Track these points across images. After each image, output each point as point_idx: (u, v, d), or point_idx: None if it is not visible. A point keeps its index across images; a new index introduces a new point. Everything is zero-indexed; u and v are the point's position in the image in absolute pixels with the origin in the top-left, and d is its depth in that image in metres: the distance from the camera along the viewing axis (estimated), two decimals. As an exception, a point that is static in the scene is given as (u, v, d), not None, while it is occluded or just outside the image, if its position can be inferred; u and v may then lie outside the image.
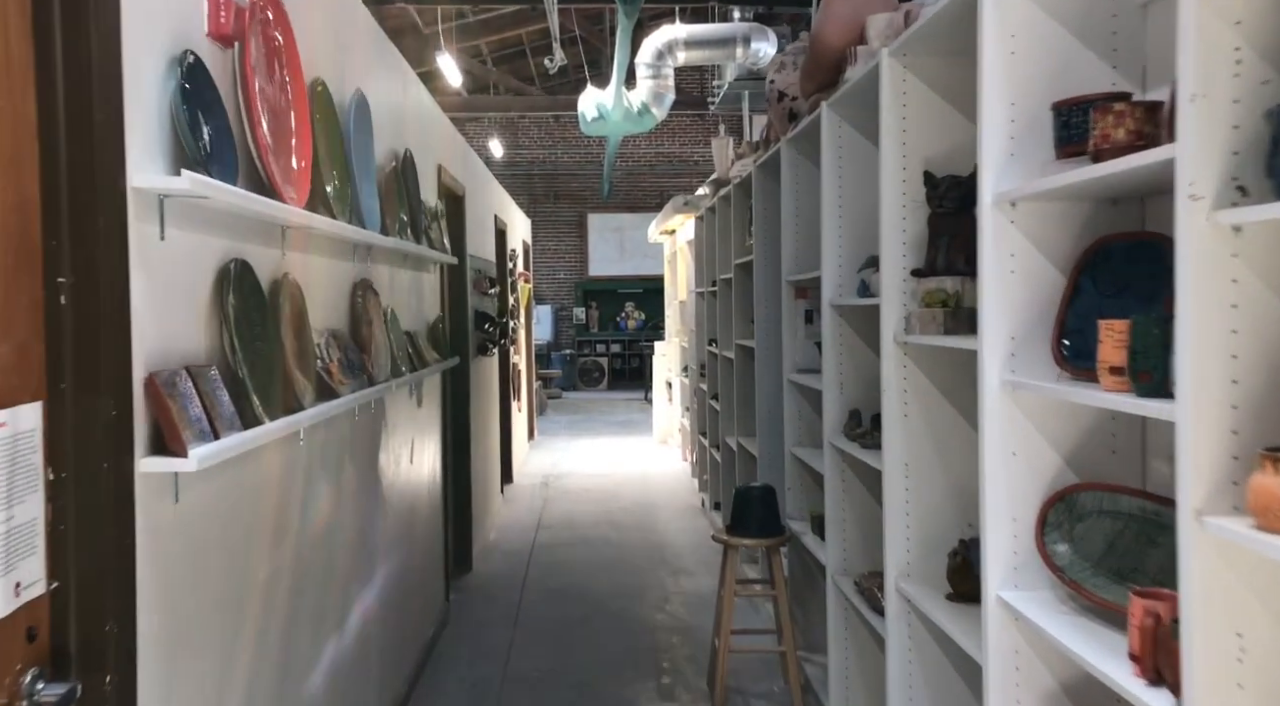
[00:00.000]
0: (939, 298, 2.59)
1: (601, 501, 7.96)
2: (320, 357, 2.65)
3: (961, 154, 2.74)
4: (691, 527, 6.97)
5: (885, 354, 2.78)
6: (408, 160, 3.96)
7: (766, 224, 4.80)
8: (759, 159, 4.85)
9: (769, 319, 4.82)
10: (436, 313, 4.76)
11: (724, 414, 6.20)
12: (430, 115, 4.91)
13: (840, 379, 3.47)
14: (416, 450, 4.31)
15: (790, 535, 3.98)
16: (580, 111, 11.14)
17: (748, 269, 5.43)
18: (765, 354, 4.83)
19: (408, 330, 3.99)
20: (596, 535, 6.80)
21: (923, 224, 2.73)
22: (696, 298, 7.70)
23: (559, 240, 18.41)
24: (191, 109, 1.88)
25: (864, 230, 3.42)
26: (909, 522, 2.77)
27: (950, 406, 2.75)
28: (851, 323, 3.46)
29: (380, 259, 3.56)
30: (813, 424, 4.12)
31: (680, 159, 18.11)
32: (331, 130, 2.81)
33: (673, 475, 9.10)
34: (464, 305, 5.85)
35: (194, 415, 1.85)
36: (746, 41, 10.35)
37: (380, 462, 3.60)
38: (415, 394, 4.26)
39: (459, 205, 5.79)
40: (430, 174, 4.74)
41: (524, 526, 7.09)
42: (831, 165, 3.44)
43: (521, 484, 8.77)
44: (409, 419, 4.14)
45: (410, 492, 4.20)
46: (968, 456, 2.75)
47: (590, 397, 16.73)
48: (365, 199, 3.10)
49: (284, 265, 2.49)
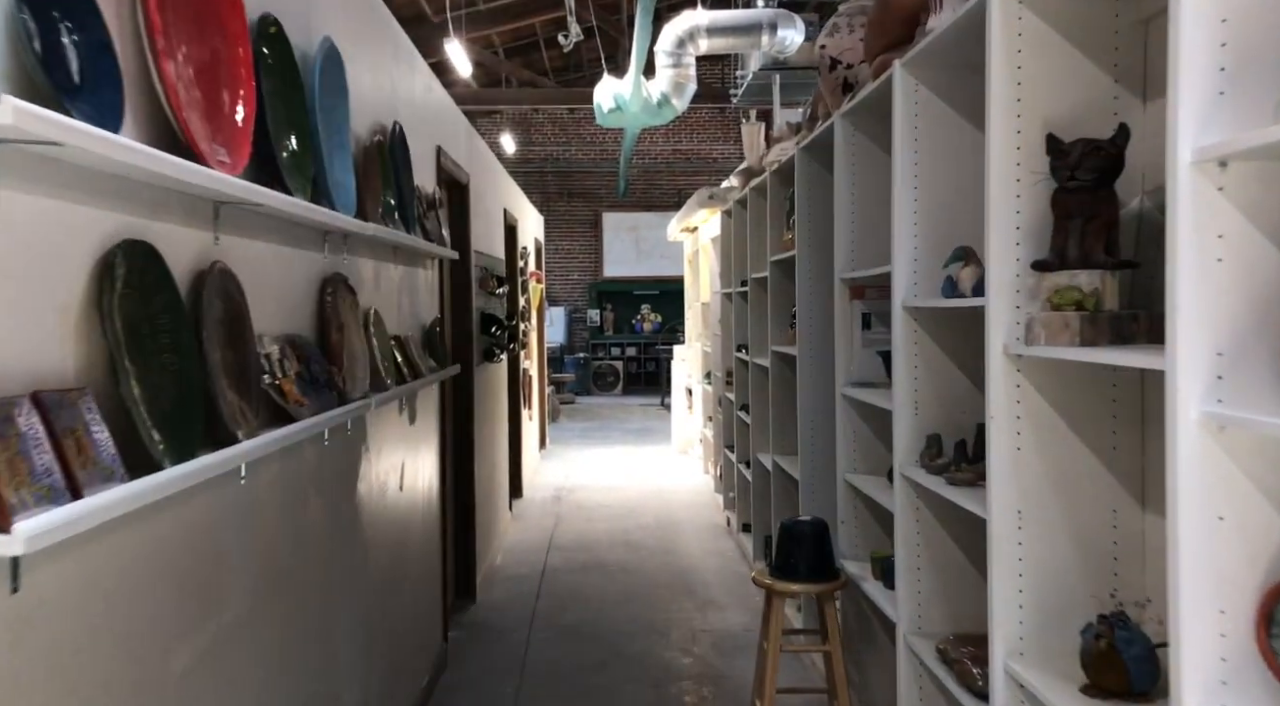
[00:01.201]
0: (1071, 297, 1.98)
1: (618, 519, 7.36)
2: (270, 372, 2.06)
3: (1093, 112, 2.13)
4: (717, 551, 6.36)
5: (992, 370, 2.17)
6: (397, 136, 3.37)
7: (812, 214, 4.19)
8: (802, 141, 4.24)
9: (815, 323, 4.21)
10: (434, 314, 4.17)
11: (756, 428, 5.59)
12: (427, 90, 4.32)
13: (915, 397, 2.86)
14: (408, 473, 3.72)
15: (846, 580, 3.37)
16: (596, 102, 10.56)
17: (787, 266, 4.81)
18: (810, 363, 4.22)
19: (396, 334, 3.40)
20: (613, 559, 6.20)
21: (1043, 204, 2.12)
22: (722, 299, 7.10)
23: (573, 240, 17.82)
24: (42, 12, 1.29)
25: (947, 216, 2.81)
26: (1022, 586, 2.16)
27: (1078, 439, 2.14)
28: (930, 328, 2.85)
29: (361, 250, 2.97)
30: (872, 448, 3.51)
31: (699, 156, 17.50)
32: (288, 83, 2.22)
33: (694, 490, 8.49)
34: (468, 306, 5.26)
35: (39, 466, 1.25)
36: (773, 28, 9.76)
37: (360, 493, 3.01)
38: (407, 408, 3.67)
39: (462, 194, 5.20)
40: (427, 156, 4.16)
41: (534, 547, 6.50)
42: (905, 138, 2.84)
43: (532, 498, 8.18)
44: (399, 438, 3.55)
45: (401, 522, 3.61)
46: (1101, 503, 2.14)
47: (605, 403, 16.13)
48: (336, 173, 2.51)
49: (215, 252, 1.91)
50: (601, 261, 17.84)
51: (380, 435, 3.25)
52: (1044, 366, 2.12)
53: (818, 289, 4.19)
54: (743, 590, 5.44)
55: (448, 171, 4.69)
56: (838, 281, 3.57)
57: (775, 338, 4.94)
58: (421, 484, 3.97)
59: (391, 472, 3.45)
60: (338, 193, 2.51)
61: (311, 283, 2.52)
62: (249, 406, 1.92)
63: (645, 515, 7.49)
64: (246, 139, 1.90)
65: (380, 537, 3.28)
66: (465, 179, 5.19)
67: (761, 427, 5.50)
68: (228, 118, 1.85)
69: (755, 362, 5.57)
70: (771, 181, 4.93)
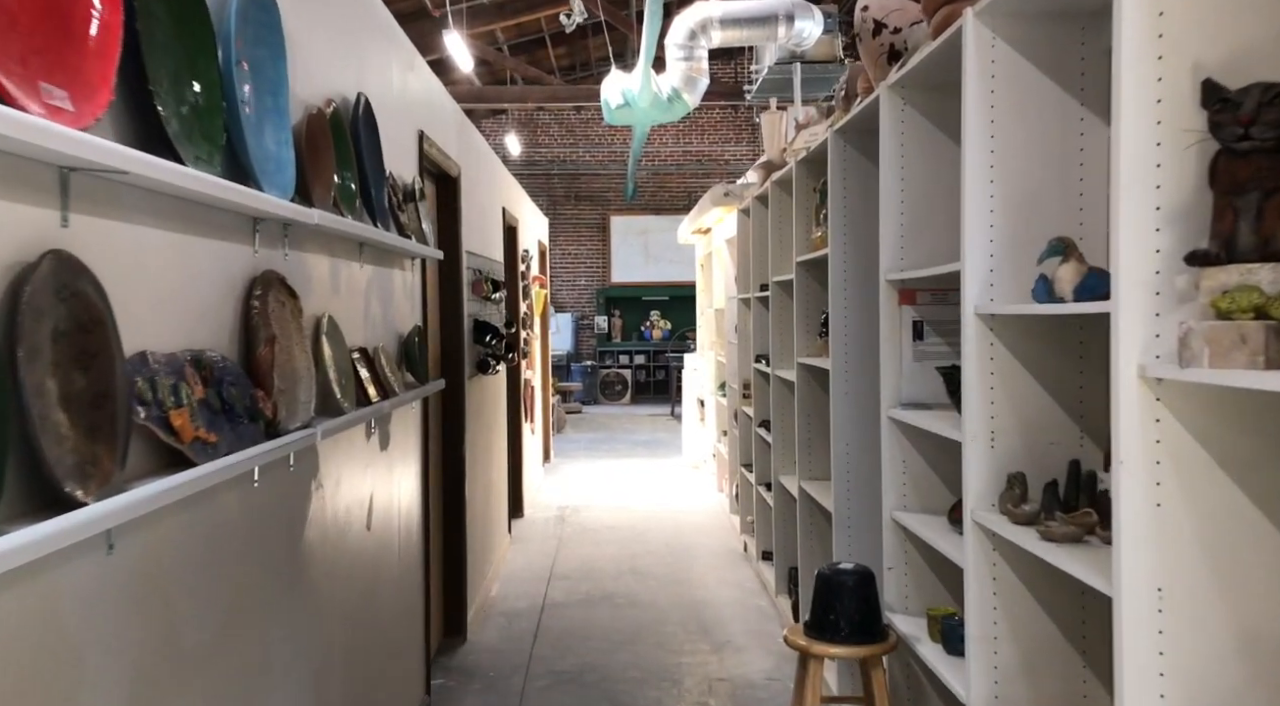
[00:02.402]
0: (1248, 302, 1.44)
1: (626, 543, 6.80)
2: (150, 402, 1.52)
3: (1265, 51, 1.59)
4: (735, 581, 5.81)
5: (1123, 399, 1.62)
6: (362, 110, 2.84)
7: (848, 207, 3.65)
8: (835, 123, 3.70)
9: (851, 332, 3.67)
10: (414, 322, 3.63)
11: (779, 448, 5.04)
12: (409, 68, 3.80)
13: (991, 426, 2.32)
14: (380, 507, 3.18)
15: (896, 641, 2.82)
16: (604, 98, 10.04)
17: (817, 268, 4.27)
18: (846, 378, 3.67)
19: (362, 347, 2.86)
20: (620, 590, 5.65)
21: (1193, 175, 1.58)
22: (739, 305, 6.56)
23: (580, 244, 17.29)
24: None
25: (1034, 202, 2.27)
26: (1164, 689, 1.61)
27: (1245, 495, 1.59)
28: (1011, 340, 2.30)
29: (309, 244, 2.44)
30: (927, 482, 2.96)
31: (711, 157, 16.96)
32: (185, 16, 1.68)
33: (707, 510, 7.94)
34: (458, 313, 4.73)
35: None
36: (789, 20, 9.23)
37: (309, 540, 2.47)
38: (377, 432, 3.13)
39: (452, 189, 4.67)
40: (407, 142, 3.63)
41: (533, 576, 5.95)
42: (978, 105, 2.29)
43: (534, 518, 7.63)
44: (366, 467, 3.02)
45: (370, 563, 3.07)
46: (1277, 583, 1.59)
47: (613, 412, 15.57)
48: (266, 143, 1.98)
49: (61, 238, 1.37)
50: (609, 266, 17.31)
51: (339, 467, 2.71)
52: (1198, 395, 1.58)
53: (855, 293, 3.64)
54: (763, 628, 4.89)
55: (434, 161, 4.16)
56: (883, 284, 3.02)
57: (802, 348, 4.40)
58: (398, 517, 3.43)
59: (356, 509, 2.91)
60: (268, 168, 1.97)
61: (233, 283, 1.98)
62: (111, 451, 1.39)
63: (655, 538, 6.94)
64: (105, 80, 1.36)
65: (342, 586, 2.74)
66: (456, 172, 4.66)
67: (785, 448, 4.95)
68: (73, 46, 1.31)
69: (778, 375, 5.02)
70: (798, 173, 4.39)
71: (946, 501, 2.92)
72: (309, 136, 2.25)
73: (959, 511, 2.67)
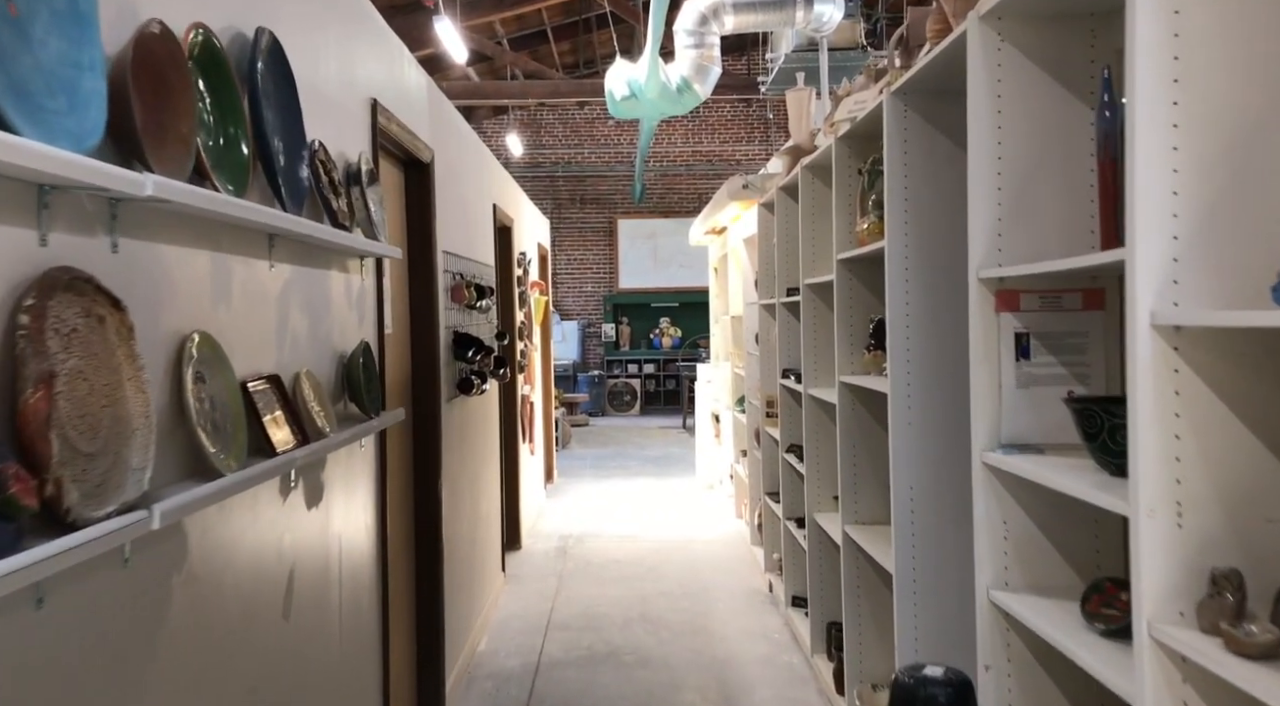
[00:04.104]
0: None
1: (635, 581, 6.03)
2: None
3: None
4: (761, 631, 5.02)
5: None
6: (265, 51, 2.08)
7: (911, 188, 2.89)
8: (894, 83, 2.93)
9: (917, 345, 2.90)
10: (360, 339, 2.87)
11: (815, 482, 4.26)
12: (353, 13, 3.04)
13: (1177, 493, 1.54)
14: (305, 585, 2.42)
15: (1008, 778, 2.05)
16: (608, 89, 9.28)
17: (865, 266, 3.52)
18: (911, 404, 2.90)
19: (267, 375, 2.10)
20: (628, 643, 4.87)
21: None
22: (760, 312, 5.79)
23: (586, 249, 16.53)
24: None
25: (1242, 164, 1.50)
26: None
27: None
28: (1208, 366, 1.53)
29: (169, 231, 1.68)
30: (1036, 550, 2.18)
31: (721, 157, 16.19)
32: None
33: (726, 539, 7.15)
34: (432, 325, 3.97)
35: None
36: (808, 3, 8.47)
37: (168, 665, 1.71)
38: (299, 486, 2.37)
39: (422, 176, 3.91)
40: (351, 109, 2.88)
41: (529, 625, 5.18)
42: (1152, 29, 1.53)
43: (533, 549, 6.86)
44: (279, 537, 2.25)
45: (288, 663, 2.32)
46: None
47: (621, 425, 14.78)
48: (43, 58, 1.23)
49: None
50: (617, 272, 16.54)
51: (230, 546, 1.95)
52: None
53: (921, 296, 2.88)
54: (799, 696, 4.11)
55: (395, 141, 3.41)
56: (973, 284, 2.25)
57: (845, 364, 3.62)
58: (337, 588, 2.67)
59: (266, 595, 2.15)
60: (44, 101, 1.22)
61: (-14, 287, 1.23)
62: None
63: (668, 575, 6.16)
64: None
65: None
66: (428, 156, 3.90)
67: (823, 482, 4.18)
68: None
69: (813, 395, 4.25)
70: (838, 152, 3.62)
71: (1066, 579, 2.16)
72: (143, 65, 1.49)
73: (1097, 602, 1.91)
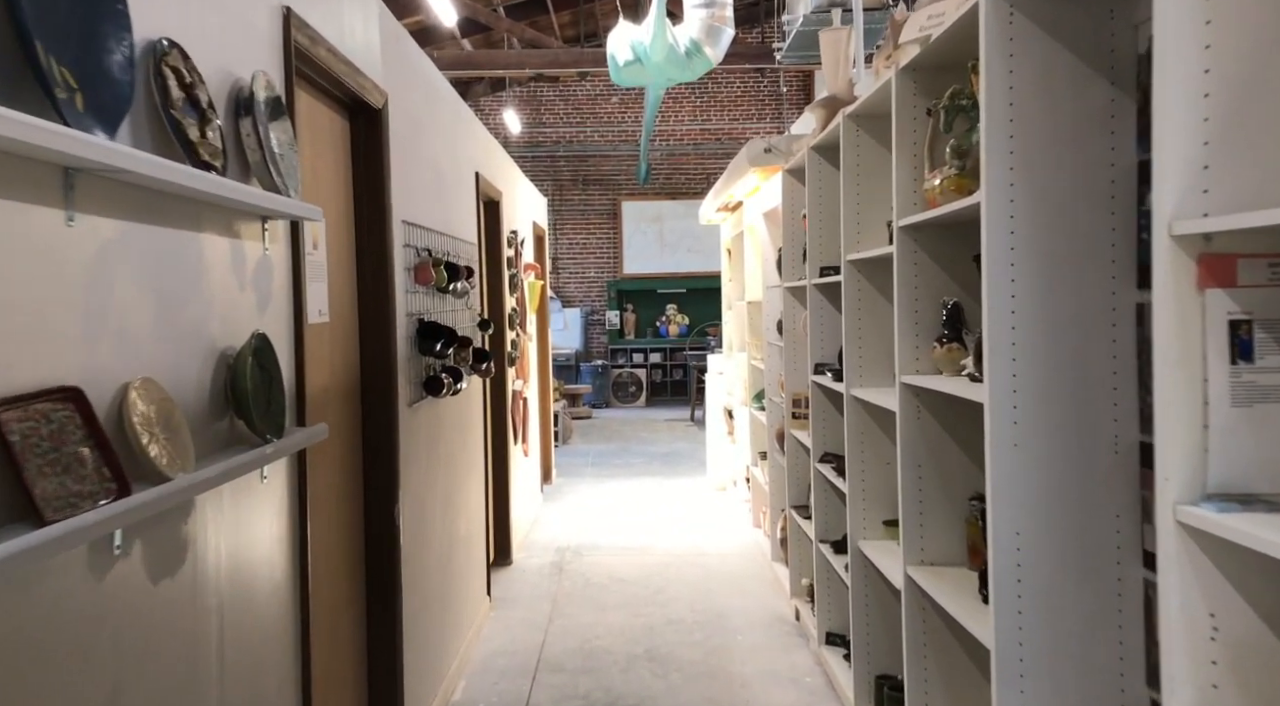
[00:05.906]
0: None
1: (639, 604, 5.25)
2: None
3: None
4: (789, 673, 4.24)
5: None
6: None
7: (1022, 121, 2.09)
8: (991, -21, 2.13)
9: (1026, 338, 2.11)
10: (254, 331, 2.08)
11: (860, 503, 3.48)
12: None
13: None
14: (144, 693, 1.65)
15: None
16: (610, 54, 8.49)
17: (937, 234, 2.73)
18: (1019, 419, 2.11)
19: (56, 388, 1.32)
20: (631, 690, 4.10)
21: None
22: (785, 296, 4.99)
23: (589, 232, 15.71)
24: None
25: None
26: None
27: None
28: None
29: None
30: (1273, 669, 1.40)
31: (730, 136, 15.34)
32: None
33: (742, 551, 6.37)
34: (386, 311, 3.18)
35: None
36: (831, -46, 7.65)
37: None
38: (136, 550, 1.59)
39: (371, 125, 3.13)
40: (247, 13, 2.09)
41: (515, 665, 4.41)
42: None
43: (525, 565, 6.09)
44: (94, 632, 1.48)
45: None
46: None
47: (626, 417, 14.00)
48: None
49: None
50: (621, 256, 15.73)
51: None
52: None
53: (1033, 269, 2.09)
54: (842, 767, 3.34)
55: (327, 70, 2.62)
56: (1161, 243, 1.46)
57: (909, 360, 2.83)
58: (218, 684, 1.90)
59: None
60: None
61: None
62: None
63: (677, 597, 5.38)
64: None
65: None
66: (380, 101, 3.12)
67: (874, 506, 3.40)
68: None
69: (858, 397, 3.46)
70: (900, 89, 2.82)
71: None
72: None
73: None
